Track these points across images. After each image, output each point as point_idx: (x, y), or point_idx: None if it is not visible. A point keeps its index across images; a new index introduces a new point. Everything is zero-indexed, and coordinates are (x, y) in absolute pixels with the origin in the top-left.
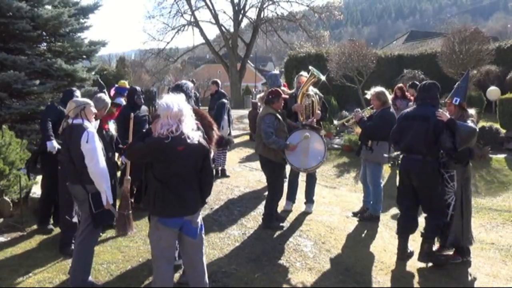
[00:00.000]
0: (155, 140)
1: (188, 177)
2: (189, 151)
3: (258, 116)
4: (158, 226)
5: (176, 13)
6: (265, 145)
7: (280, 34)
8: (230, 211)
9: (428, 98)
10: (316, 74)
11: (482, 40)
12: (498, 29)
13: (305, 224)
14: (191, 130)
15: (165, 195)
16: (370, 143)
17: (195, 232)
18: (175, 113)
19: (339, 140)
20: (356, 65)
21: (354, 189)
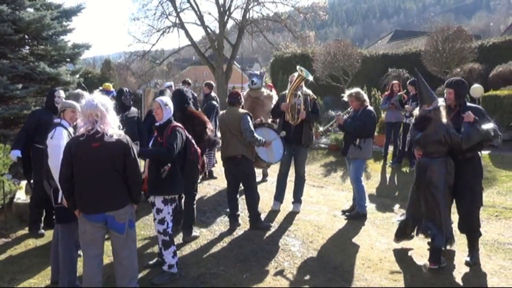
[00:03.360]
0: (71, 140)
1: (107, 174)
2: (105, 148)
3: (231, 117)
4: (82, 219)
5: (161, 15)
6: (242, 144)
7: (265, 35)
8: (218, 212)
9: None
10: (304, 73)
11: (465, 39)
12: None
13: (293, 224)
14: (111, 128)
15: (83, 192)
16: (358, 141)
17: (120, 227)
18: (90, 112)
19: (325, 140)
20: (341, 65)
21: (341, 188)
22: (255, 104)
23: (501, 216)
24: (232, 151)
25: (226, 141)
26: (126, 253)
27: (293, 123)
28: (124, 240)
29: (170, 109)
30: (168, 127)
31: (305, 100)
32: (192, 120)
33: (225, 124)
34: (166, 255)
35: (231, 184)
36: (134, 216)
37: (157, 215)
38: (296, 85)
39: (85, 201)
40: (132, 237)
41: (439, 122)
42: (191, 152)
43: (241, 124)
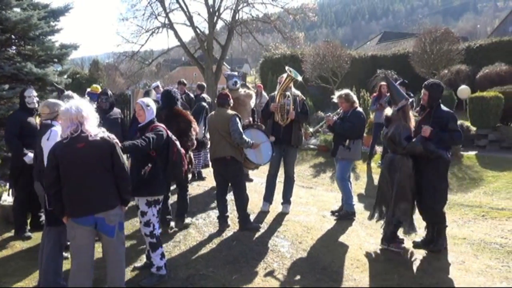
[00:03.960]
0: (55, 143)
1: (95, 173)
2: (91, 147)
3: (220, 118)
4: (72, 224)
5: (150, 15)
6: (231, 145)
7: (255, 36)
8: (207, 213)
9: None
10: (293, 74)
11: (452, 40)
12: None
13: (282, 225)
14: (94, 129)
15: (72, 194)
16: (348, 142)
17: (111, 230)
18: (73, 115)
19: (315, 141)
20: (330, 66)
21: (331, 188)
22: (236, 104)
23: (488, 216)
24: (221, 152)
25: (214, 142)
26: (116, 256)
27: (283, 124)
28: (115, 243)
29: (152, 110)
30: (150, 128)
31: (294, 100)
32: (177, 118)
33: (214, 125)
34: (154, 257)
35: (220, 185)
36: (123, 218)
37: (142, 217)
38: (285, 85)
39: (74, 203)
40: (122, 240)
41: (397, 123)
42: (173, 152)
43: (230, 126)
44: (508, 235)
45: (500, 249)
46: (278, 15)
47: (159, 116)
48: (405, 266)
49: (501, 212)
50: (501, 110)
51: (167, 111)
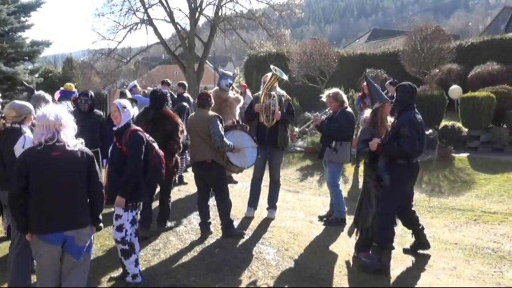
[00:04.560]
0: (26, 150)
1: (68, 186)
2: (67, 157)
3: (200, 120)
4: (38, 242)
5: (128, 10)
6: (212, 148)
7: (239, 33)
8: (188, 219)
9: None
10: (278, 73)
11: (443, 39)
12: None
13: (268, 231)
14: (71, 139)
15: (41, 207)
16: (334, 144)
17: (78, 251)
18: (51, 122)
19: (301, 143)
20: (318, 65)
21: (318, 192)
22: (224, 105)
23: (480, 220)
24: (201, 156)
25: (194, 145)
26: (77, 280)
27: (268, 125)
28: (79, 267)
29: (128, 112)
30: (127, 132)
31: (280, 100)
32: (165, 120)
33: (194, 127)
34: (128, 265)
35: (202, 190)
36: (93, 240)
37: (116, 221)
38: (270, 85)
39: (42, 218)
40: (87, 263)
41: (364, 126)
42: (153, 156)
43: (210, 128)
44: (501, 239)
45: (492, 254)
46: (263, 11)
47: (146, 116)
48: (396, 273)
49: (494, 216)
50: (493, 110)
51: (155, 111)
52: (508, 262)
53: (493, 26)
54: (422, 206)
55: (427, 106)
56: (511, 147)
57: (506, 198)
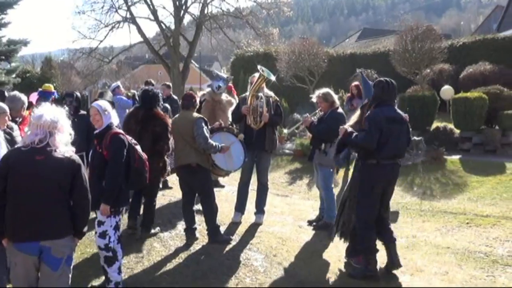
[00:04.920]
0: (10, 150)
1: (49, 194)
2: (51, 162)
3: (184, 122)
4: (13, 250)
5: (110, 8)
6: (197, 151)
7: (226, 32)
8: (173, 225)
9: (395, 98)
10: (266, 74)
11: (434, 38)
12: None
13: (256, 236)
14: (63, 145)
15: (16, 214)
16: (324, 146)
17: (56, 262)
18: (47, 123)
19: (290, 145)
20: (307, 65)
21: (308, 196)
22: (217, 108)
23: (472, 223)
24: (186, 159)
25: (178, 148)
26: None
27: (255, 127)
28: (56, 279)
29: (110, 114)
30: (108, 135)
31: (267, 102)
32: (154, 120)
33: (178, 129)
34: (111, 273)
35: (187, 195)
36: (74, 252)
37: (98, 227)
38: (258, 86)
39: (17, 225)
40: (66, 277)
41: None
42: (135, 159)
43: (194, 130)
44: (493, 243)
45: (485, 258)
46: (251, 9)
47: (136, 117)
48: (386, 279)
49: (486, 219)
50: (485, 111)
51: (145, 111)
52: (500, 266)
53: (485, 25)
54: (414, 209)
55: (419, 107)
56: (503, 149)
57: (499, 201)
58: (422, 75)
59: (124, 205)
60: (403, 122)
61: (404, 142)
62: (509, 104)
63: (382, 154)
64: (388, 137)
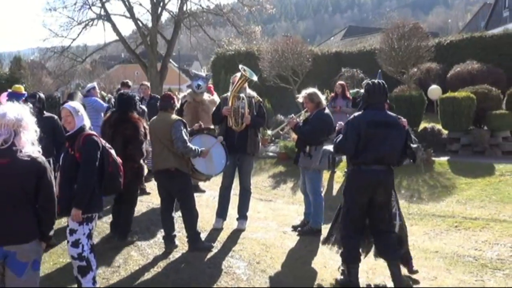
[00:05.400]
0: None
1: (13, 198)
2: (16, 166)
3: (162, 124)
4: None
5: (83, 5)
6: (175, 155)
7: (206, 30)
8: (152, 233)
9: (385, 102)
10: (248, 73)
11: (421, 36)
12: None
13: (238, 243)
14: (29, 144)
15: None
16: (309, 149)
17: (20, 268)
18: (11, 121)
19: (274, 148)
20: (291, 64)
21: (292, 201)
22: (200, 109)
23: (461, 226)
24: (164, 164)
25: (156, 152)
26: None
27: (237, 129)
28: (22, 284)
29: (82, 115)
30: (80, 136)
31: (250, 103)
32: (126, 124)
33: (155, 132)
34: (85, 284)
35: (165, 200)
36: (41, 256)
37: (70, 236)
38: (239, 86)
39: None
40: (33, 281)
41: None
42: (109, 163)
43: (172, 133)
44: (482, 246)
45: (474, 262)
46: (232, 6)
47: (109, 121)
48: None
49: (475, 222)
50: (473, 111)
51: (118, 115)
52: (489, 270)
53: (473, 23)
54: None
55: (406, 107)
56: (492, 150)
57: (488, 203)
58: (409, 75)
59: (98, 211)
60: (392, 125)
61: (392, 147)
62: (497, 104)
63: (360, 158)
64: (368, 141)
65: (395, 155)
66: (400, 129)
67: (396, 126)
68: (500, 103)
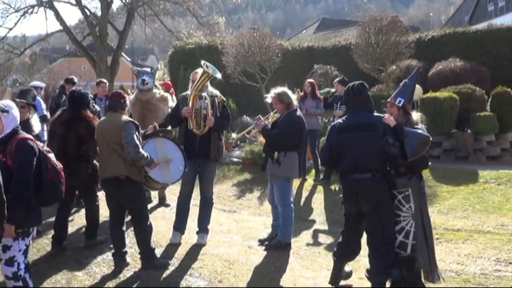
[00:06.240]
0: None
1: None
2: None
3: (110, 126)
4: None
5: None
6: (126, 162)
7: (163, 20)
8: (99, 249)
9: (363, 103)
10: (211, 70)
11: (400, 31)
12: (419, 17)
13: (198, 260)
14: None
15: None
16: (277, 155)
17: None
18: None
19: (239, 152)
20: (258, 59)
21: (259, 212)
22: (146, 109)
23: (442, 239)
24: (113, 171)
25: (104, 158)
26: None
27: (198, 133)
28: None
29: (14, 116)
30: (13, 140)
31: (212, 103)
32: (80, 122)
33: (103, 135)
34: None
35: (115, 213)
36: None
37: (4, 253)
38: (201, 84)
39: None
40: None
41: None
42: (48, 169)
43: (123, 136)
44: (465, 260)
45: (456, 277)
46: None
47: (60, 119)
48: None
49: (457, 233)
50: (456, 113)
51: (70, 113)
52: (473, 286)
53: (456, 17)
54: None
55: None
56: (476, 155)
57: (471, 213)
58: (387, 72)
59: (35, 225)
60: (364, 127)
61: (363, 151)
62: (482, 105)
63: (338, 168)
64: (340, 148)
65: (372, 159)
66: (373, 130)
67: (368, 127)
68: (485, 104)
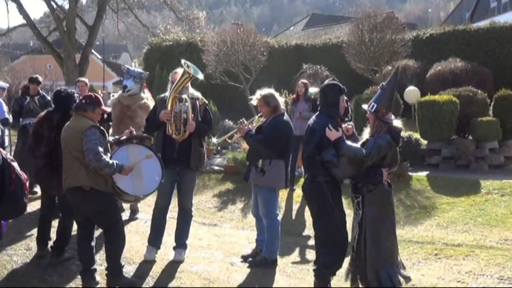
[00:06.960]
0: None
1: None
2: None
3: (72, 131)
4: None
5: None
6: (90, 171)
7: (137, 14)
8: (66, 266)
9: (323, 106)
10: (192, 70)
11: (396, 28)
12: (417, 14)
13: (175, 278)
14: None
15: None
16: (262, 163)
17: None
18: None
19: (220, 160)
20: (241, 58)
21: (242, 225)
22: (123, 114)
23: (441, 254)
24: (76, 180)
25: (66, 166)
26: None
27: (178, 138)
28: None
29: None
30: None
31: (193, 106)
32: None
33: (65, 141)
34: None
35: (83, 226)
36: None
37: None
38: (181, 86)
39: None
40: None
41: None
42: (11, 180)
43: (84, 142)
44: (466, 278)
45: None
46: None
47: (50, 122)
48: None
49: (457, 249)
50: (456, 118)
51: (61, 115)
52: None
53: (457, 14)
54: None
55: None
56: (477, 163)
57: (472, 226)
58: (382, 73)
59: None
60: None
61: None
62: (484, 110)
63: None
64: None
65: (306, 163)
66: (312, 134)
67: (309, 130)
68: (487, 109)
